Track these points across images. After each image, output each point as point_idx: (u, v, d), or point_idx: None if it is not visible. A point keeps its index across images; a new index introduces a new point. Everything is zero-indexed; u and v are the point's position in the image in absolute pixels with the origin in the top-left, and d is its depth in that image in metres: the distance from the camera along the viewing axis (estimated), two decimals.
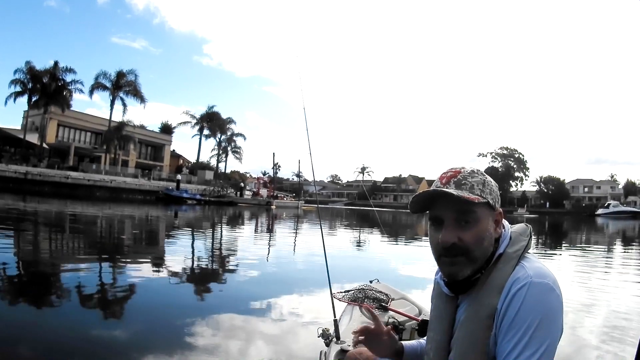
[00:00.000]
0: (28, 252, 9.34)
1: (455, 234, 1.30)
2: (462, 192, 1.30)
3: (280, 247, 13.89)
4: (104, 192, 46.23)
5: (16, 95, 51.53)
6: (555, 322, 1.20)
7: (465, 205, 1.30)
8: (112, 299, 5.95)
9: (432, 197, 1.35)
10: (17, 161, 45.40)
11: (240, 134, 79.68)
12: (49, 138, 55.15)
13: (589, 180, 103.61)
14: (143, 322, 4.88)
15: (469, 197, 1.29)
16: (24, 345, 3.83)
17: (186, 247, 12.50)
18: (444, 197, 1.32)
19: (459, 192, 1.30)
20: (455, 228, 1.31)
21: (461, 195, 1.28)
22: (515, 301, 1.20)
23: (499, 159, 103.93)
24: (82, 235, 13.54)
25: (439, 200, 1.34)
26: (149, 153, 71.57)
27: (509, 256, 1.33)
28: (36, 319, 4.72)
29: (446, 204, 1.32)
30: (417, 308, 2.94)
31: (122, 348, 3.97)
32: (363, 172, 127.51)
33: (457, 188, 1.33)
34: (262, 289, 6.76)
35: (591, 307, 6.39)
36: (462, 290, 1.36)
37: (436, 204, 1.35)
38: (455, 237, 1.30)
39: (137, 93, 58.30)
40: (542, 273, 1.24)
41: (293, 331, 4.67)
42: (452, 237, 1.30)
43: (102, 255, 9.85)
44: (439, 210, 1.34)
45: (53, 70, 52.58)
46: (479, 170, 1.41)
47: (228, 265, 9.47)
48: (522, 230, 1.42)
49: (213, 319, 4.96)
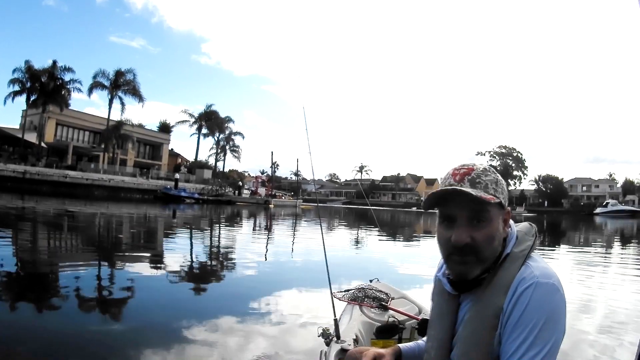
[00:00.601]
0: (25, 251, 9.31)
1: (468, 233, 1.29)
2: (479, 192, 1.29)
3: (279, 247, 13.87)
4: (102, 191, 46.20)
5: (15, 94, 51.52)
6: (560, 322, 1.20)
7: (480, 204, 1.29)
8: (109, 298, 5.94)
9: (446, 194, 1.33)
10: (16, 160, 45.31)
11: (239, 133, 79.84)
12: (48, 137, 55.07)
13: (587, 179, 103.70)
14: (141, 321, 4.87)
15: (485, 197, 1.28)
16: (21, 345, 3.82)
17: (184, 246, 12.49)
18: (458, 196, 1.30)
19: (477, 192, 1.29)
20: (468, 227, 1.30)
21: (479, 196, 1.27)
22: (521, 301, 1.21)
23: (498, 158, 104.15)
24: (80, 235, 13.52)
25: (453, 198, 1.31)
26: (148, 152, 71.55)
27: (515, 256, 1.32)
28: (33, 318, 4.72)
29: (460, 203, 1.30)
30: (417, 307, 2.95)
31: (120, 346, 3.96)
32: (361, 171, 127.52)
33: (471, 186, 1.32)
34: (262, 288, 6.75)
35: (589, 305, 6.41)
36: (467, 288, 1.36)
37: (449, 202, 1.33)
38: (469, 236, 1.29)
39: (136, 92, 58.32)
40: (548, 273, 1.24)
41: (293, 330, 4.67)
42: (465, 237, 1.29)
43: (99, 254, 9.83)
44: (453, 208, 1.32)
45: (51, 70, 52.48)
46: (490, 167, 1.40)
47: (227, 265, 9.45)
48: (528, 229, 1.42)
49: (212, 318, 4.95)
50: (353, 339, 2.35)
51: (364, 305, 2.83)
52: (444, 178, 1.41)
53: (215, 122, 74.40)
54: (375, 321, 2.71)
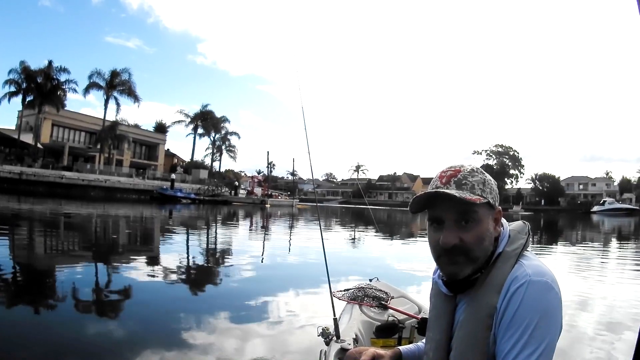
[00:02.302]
0: (21, 252, 9.28)
1: (456, 235, 1.29)
2: (463, 193, 1.29)
3: (276, 246, 13.84)
4: (98, 192, 46.05)
5: (10, 95, 51.45)
6: (555, 320, 1.20)
7: (467, 206, 1.29)
8: (106, 299, 5.93)
9: (432, 197, 1.33)
10: (12, 161, 45.09)
11: (235, 133, 79.85)
12: (44, 138, 54.92)
13: (584, 177, 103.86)
14: (138, 322, 4.85)
15: (471, 198, 1.28)
16: (18, 346, 3.80)
17: (181, 246, 12.46)
18: (444, 198, 1.30)
19: (461, 194, 1.29)
20: (456, 229, 1.30)
21: (463, 197, 1.27)
22: (514, 300, 1.20)
23: (494, 157, 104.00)
24: (76, 235, 13.47)
25: (439, 200, 1.31)
26: (143, 152, 71.36)
27: (508, 255, 1.32)
28: (30, 319, 4.70)
29: (447, 205, 1.30)
30: (417, 306, 2.95)
31: (117, 348, 3.94)
32: (358, 170, 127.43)
33: (457, 188, 1.32)
34: (261, 288, 6.73)
35: (587, 302, 6.41)
36: (461, 289, 1.36)
37: (436, 204, 1.33)
38: (457, 238, 1.29)
39: (131, 92, 58.30)
40: (541, 271, 1.24)
41: (293, 330, 4.66)
42: (453, 239, 1.29)
43: (95, 255, 9.81)
44: (439, 210, 1.33)
45: (47, 70, 52.39)
46: (478, 168, 1.40)
47: (225, 265, 9.43)
48: (521, 228, 1.42)
49: (211, 319, 4.94)
50: (353, 338, 2.35)
51: (363, 305, 2.83)
52: (432, 181, 1.41)
53: (211, 122, 74.34)
54: (375, 320, 2.71)
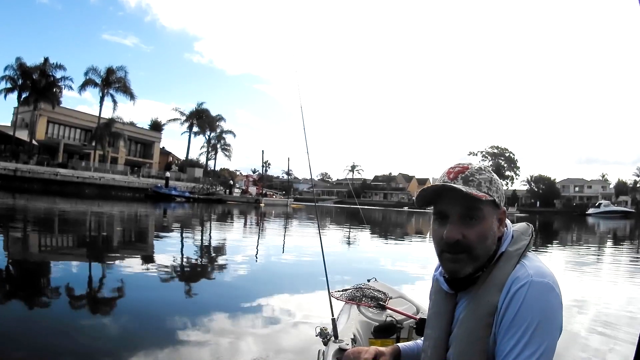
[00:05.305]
0: (15, 249, 9.24)
1: (459, 230, 1.30)
2: (470, 189, 1.30)
3: (273, 246, 13.79)
4: (93, 190, 45.92)
5: (6, 91, 51.28)
6: (555, 321, 1.20)
7: (472, 202, 1.30)
8: (100, 297, 5.90)
9: (439, 191, 1.34)
10: (7, 158, 44.94)
11: (230, 132, 79.65)
12: (39, 135, 54.65)
13: (579, 179, 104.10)
14: (132, 321, 4.83)
15: (476, 194, 1.29)
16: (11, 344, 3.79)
17: (176, 245, 12.40)
18: (451, 192, 1.31)
19: (467, 189, 1.29)
20: (460, 224, 1.31)
21: (469, 192, 1.28)
22: (515, 300, 1.20)
23: (490, 158, 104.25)
24: (70, 233, 13.42)
25: (445, 195, 1.33)
26: (139, 150, 71.11)
27: (510, 255, 1.32)
28: (23, 317, 4.67)
29: (453, 200, 1.32)
30: (415, 306, 2.94)
31: (111, 347, 3.93)
32: (353, 170, 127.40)
33: (464, 184, 1.33)
34: (258, 289, 6.73)
35: (584, 304, 6.45)
36: (463, 287, 1.36)
37: (442, 199, 1.34)
38: (460, 233, 1.30)
39: (127, 90, 58.06)
40: (543, 272, 1.24)
41: (291, 330, 4.65)
42: (456, 234, 1.30)
43: (89, 252, 9.78)
44: (445, 205, 1.34)
45: (43, 67, 52.21)
46: (486, 167, 1.41)
47: (220, 265, 9.39)
48: (524, 229, 1.43)
49: (207, 318, 4.92)
50: (351, 338, 2.34)
51: (361, 305, 2.82)
52: (439, 176, 1.42)
53: (206, 121, 74.16)
54: (373, 321, 2.70)
